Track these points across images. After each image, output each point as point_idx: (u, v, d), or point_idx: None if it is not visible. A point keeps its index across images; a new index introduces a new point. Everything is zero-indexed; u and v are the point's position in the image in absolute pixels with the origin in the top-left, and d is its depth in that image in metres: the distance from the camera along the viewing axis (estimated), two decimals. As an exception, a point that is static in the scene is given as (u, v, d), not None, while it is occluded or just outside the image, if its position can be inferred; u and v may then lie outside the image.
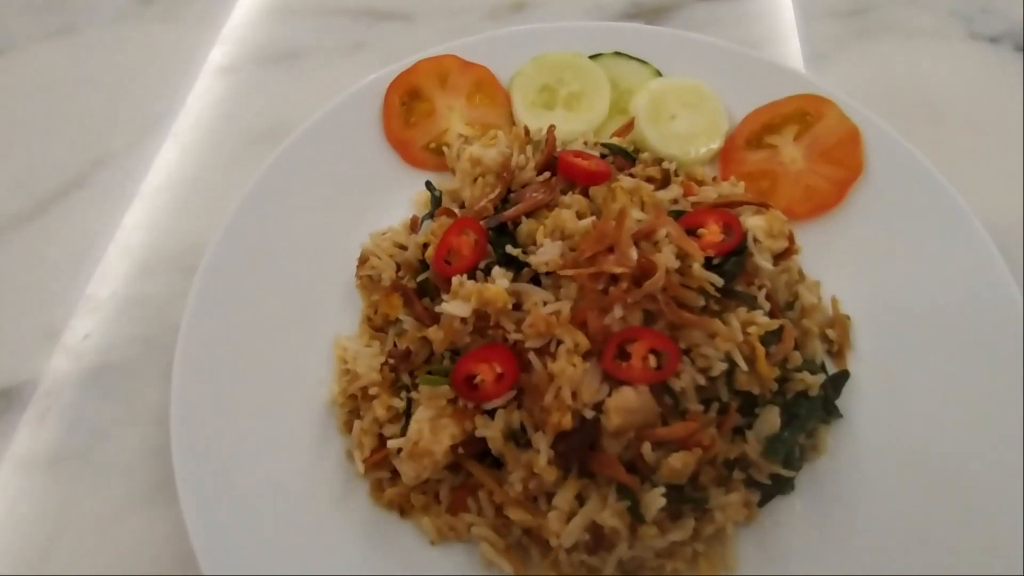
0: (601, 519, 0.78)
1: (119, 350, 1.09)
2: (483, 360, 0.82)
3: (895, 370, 0.94)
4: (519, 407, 0.83)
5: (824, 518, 0.85)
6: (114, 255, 1.19)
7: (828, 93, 1.12)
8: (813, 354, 0.94)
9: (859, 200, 1.06)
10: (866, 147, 1.08)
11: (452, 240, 0.90)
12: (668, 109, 1.15)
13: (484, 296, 0.81)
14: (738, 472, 0.85)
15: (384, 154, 1.16)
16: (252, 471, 0.90)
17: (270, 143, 1.25)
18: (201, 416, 0.92)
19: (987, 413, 0.88)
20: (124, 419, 1.03)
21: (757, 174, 1.10)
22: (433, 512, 0.87)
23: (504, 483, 0.82)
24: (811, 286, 1.00)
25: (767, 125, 1.12)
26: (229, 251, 1.04)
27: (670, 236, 0.85)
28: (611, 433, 0.79)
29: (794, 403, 0.87)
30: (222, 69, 1.42)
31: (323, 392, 0.97)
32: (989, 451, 0.85)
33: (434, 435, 0.82)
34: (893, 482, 0.86)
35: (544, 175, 1.00)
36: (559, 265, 0.83)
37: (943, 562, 0.79)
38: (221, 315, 1.00)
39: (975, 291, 0.95)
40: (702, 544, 0.82)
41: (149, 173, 1.28)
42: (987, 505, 0.82)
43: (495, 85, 1.20)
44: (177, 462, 0.88)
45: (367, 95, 1.18)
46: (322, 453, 0.93)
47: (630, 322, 0.81)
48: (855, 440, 0.90)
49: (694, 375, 0.81)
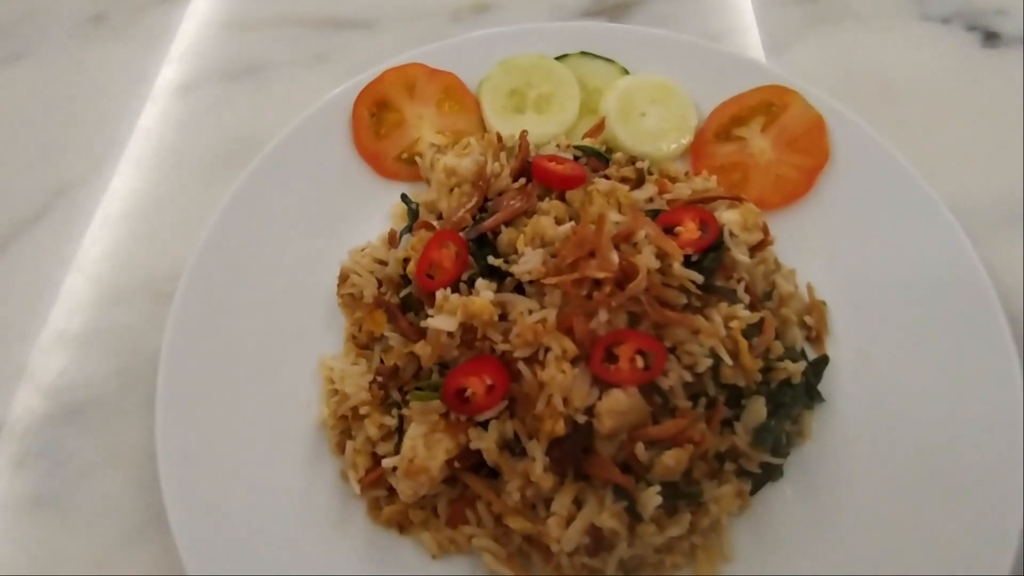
0: (600, 521, 0.79)
1: (97, 385, 1.07)
2: (472, 373, 0.82)
3: (871, 351, 0.97)
4: (511, 416, 0.84)
5: (814, 501, 0.88)
6: (83, 287, 1.16)
7: (791, 83, 1.14)
8: (793, 341, 0.97)
9: (827, 187, 1.09)
10: (831, 134, 1.10)
11: (433, 254, 0.90)
12: (637, 107, 1.16)
13: (470, 309, 0.81)
14: (729, 463, 0.87)
15: (356, 168, 1.15)
16: (246, 500, 0.89)
17: (237, 163, 1.23)
18: (188, 447, 0.91)
19: (961, 386, 0.91)
20: (107, 456, 1.01)
21: (728, 166, 1.12)
22: (433, 527, 0.87)
23: (501, 493, 0.83)
24: (787, 274, 1.02)
25: (735, 117, 1.14)
26: (205, 276, 1.02)
27: (649, 237, 0.86)
28: (604, 436, 0.80)
29: (778, 392, 0.89)
30: (181, 87, 1.39)
31: (312, 414, 0.96)
32: (967, 422, 0.89)
33: (429, 451, 0.82)
34: (878, 461, 0.89)
35: (520, 181, 1.00)
36: (542, 273, 0.83)
37: (931, 537, 0.82)
38: (201, 342, 0.98)
39: (942, 270, 0.99)
40: (699, 537, 0.84)
41: (112, 200, 1.25)
42: (970, 476, 0.85)
43: (463, 91, 1.19)
44: (168, 497, 0.87)
45: (334, 108, 1.17)
46: (316, 476, 0.92)
47: (615, 325, 0.82)
48: (838, 422, 0.93)
49: (681, 372, 0.83)
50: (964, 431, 0.88)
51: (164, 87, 1.39)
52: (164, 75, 1.40)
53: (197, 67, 1.41)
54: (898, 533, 0.84)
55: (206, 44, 1.45)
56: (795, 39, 1.39)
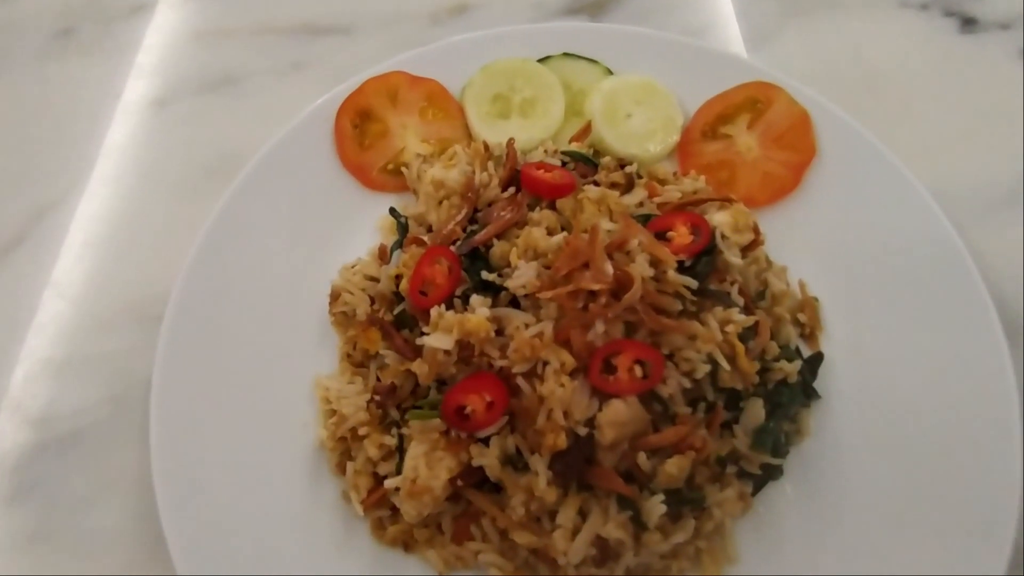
0: (605, 532, 0.79)
1: (87, 414, 1.05)
2: (471, 391, 0.81)
3: (864, 345, 0.98)
4: (512, 431, 0.83)
5: (814, 498, 0.89)
6: (67, 313, 1.13)
7: (775, 78, 1.14)
8: (787, 340, 0.97)
9: (815, 182, 1.09)
10: (816, 129, 1.11)
11: (425, 270, 0.89)
12: (623, 108, 1.15)
13: (466, 327, 0.81)
14: (730, 466, 0.87)
15: (341, 181, 1.13)
16: (247, 525, 0.88)
17: (216, 179, 1.21)
18: (185, 475, 0.90)
19: (953, 375, 0.92)
20: (103, 487, 0.99)
21: (716, 165, 1.12)
22: (438, 544, 0.87)
23: (506, 508, 0.83)
24: (778, 272, 1.03)
25: (720, 115, 1.14)
26: (193, 298, 1.00)
27: (642, 244, 0.86)
28: (606, 447, 0.80)
29: (776, 392, 0.90)
30: (156, 102, 1.35)
31: (309, 435, 0.95)
32: (959, 411, 0.90)
33: (431, 470, 0.82)
34: (875, 455, 0.90)
35: (509, 191, 0.99)
36: (536, 287, 0.83)
37: (931, 529, 0.84)
38: (193, 366, 0.96)
39: (928, 260, 1.00)
40: (704, 541, 0.85)
41: (92, 222, 1.22)
42: (966, 465, 0.86)
43: (447, 98, 1.18)
44: (167, 527, 0.86)
45: (316, 120, 1.15)
46: (317, 497, 0.91)
47: (612, 335, 0.82)
48: (835, 418, 0.94)
49: (679, 379, 0.83)
50: (957, 420, 0.90)
51: (138, 102, 1.35)
52: (137, 89, 1.36)
53: (170, 80, 1.38)
54: (897, 526, 0.85)
55: (178, 55, 1.41)
56: (775, 31, 1.38)
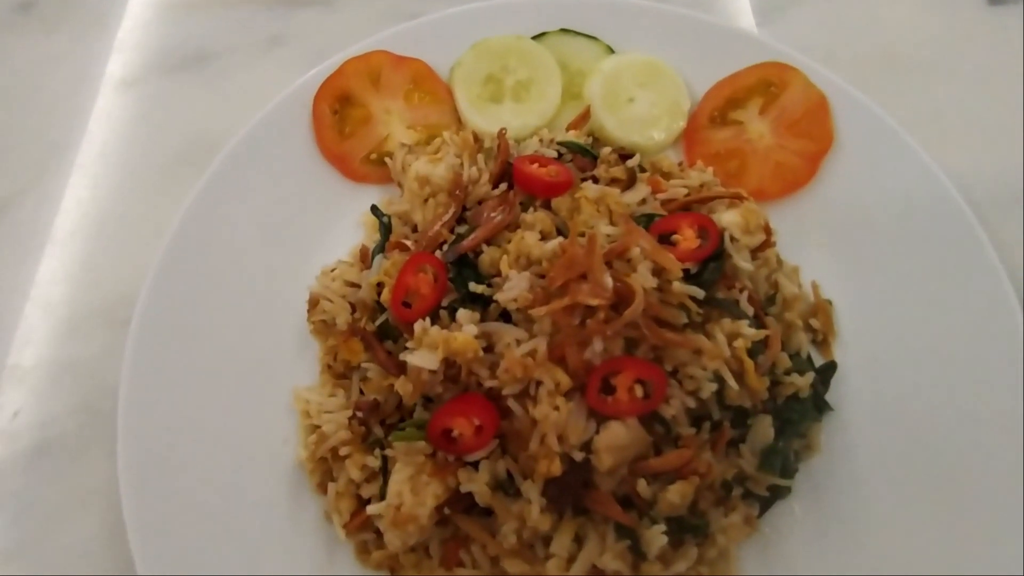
0: (602, 563, 0.75)
1: (58, 424, 0.99)
2: (459, 413, 0.76)
3: (881, 352, 0.92)
4: (504, 453, 0.78)
5: (823, 518, 0.84)
6: (34, 316, 1.07)
7: (791, 58, 1.04)
8: (799, 347, 0.91)
9: (831, 174, 1.01)
10: (835, 114, 1.02)
11: (409, 279, 0.82)
12: (624, 92, 1.06)
13: (452, 347, 0.74)
14: (736, 488, 0.82)
15: (321, 171, 1.05)
16: (223, 547, 0.83)
17: (189, 166, 1.13)
18: (156, 493, 0.85)
19: (975, 385, 0.86)
20: (76, 501, 0.94)
21: (724, 154, 1.03)
22: (425, 568, 0.82)
23: (497, 534, 0.78)
24: (790, 273, 0.96)
25: (730, 99, 1.05)
26: (162, 302, 0.94)
27: (644, 252, 0.78)
28: (604, 472, 0.75)
29: (786, 408, 0.84)
30: (124, 82, 1.26)
31: (289, 451, 0.90)
32: (981, 425, 0.84)
33: (416, 496, 0.76)
34: (889, 473, 0.85)
35: (500, 187, 0.91)
36: (529, 301, 0.76)
37: (944, 551, 0.79)
38: (163, 376, 0.91)
39: (953, 261, 0.92)
40: (706, 567, 0.80)
41: (59, 215, 1.14)
42: (985, 487, 0.81)
43: (434, 79, 1.09)
44: (136, 548, 0.81)
45: (293, 105, 1.06)
46: (299, 517, 0.87)
47: (611, 352, 0.76)
48: (848, 433, 0.88)
49: (683, 399, 0.77)
50: (977, 433, 0.84)
51: (105, 82, 1.26)
52: (102, 68, 1.26)
53: (139, 58, 1.28)
54: (911, 549, 0.80)
55: (147, 31, 1.31)
56: (788, 4, 1.28)
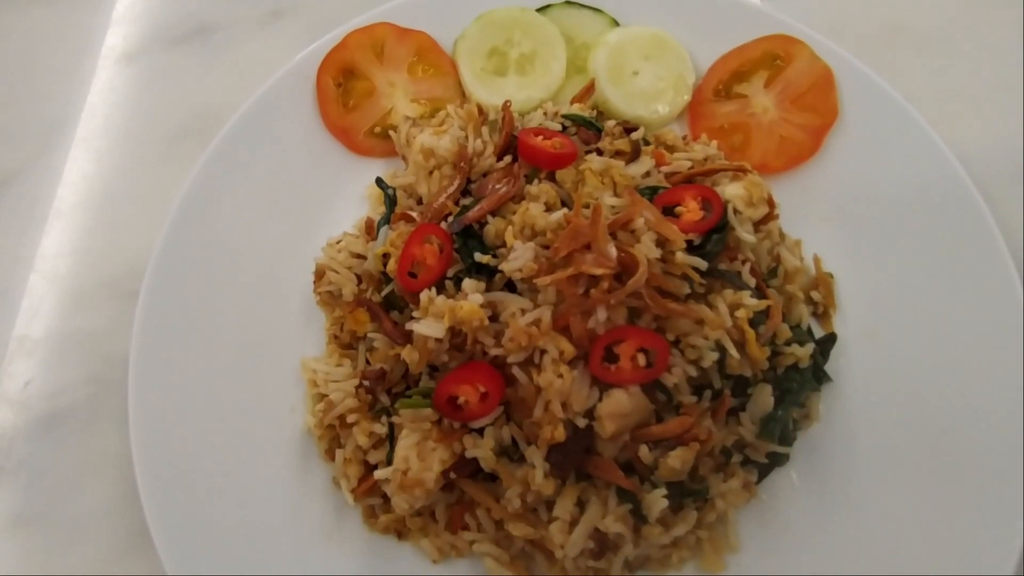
0: (604, 526, 0.76)
1: (68, 394, 1.01)
2: (464, 381, 0.77)
3: (881, 324, 0.93)
4: (508, 420, 0.79)
5: (821, 486, 0.86)
6: (41, 288, 1.08)
7: (797, 31, 1.04)
8: (799, 319, 0.92)
9: (835, 148, 1.01)
10: (840, 88, 1.02)
11: (415, 250, 0.82)
12: (629, 65, 1.05)
13: (457, 316, 0.75)
14: (735, 455, 0.84)
15: (325, 145, 1.06)
16: (234, 513, 0.85)
17: (192, 140, 1.14)
18: (168, 460, 0.87)
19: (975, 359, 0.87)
20: (86, 469, 0.96)
21: (729, 128, 1.03)
22: (432, 532, 0.84)
23: (501, 498, 0.80)
24: (792, 247, 0.96)
25: (736, 73, 1.05)
26: (169, 274, 0.95)
27: (648, 223, 0.79)
28: (606, 439, 0.76)
29: (785, 377, 0.85)
30: (125, 56, 1.25)
31: (297, 419, 0.91)
32: (979, 397, 0.85)
33: (423, 461, 0.78)
34: (887, 442, 0.86)
35: (505, 159, 0.92)
36: (534, 271, 0.76)
37: (939, 519, 0.81)
38: (172, 347, 0.92)
39: (956, 236, 0.93)
40: (705, 531, 0.82)
41: (63, 188, 1.15)
42: (980, 455, 0.82)
43: (438, 52, 1.08)
44: (150, 515, 0.83)
45: (296, 78, 1.06)
46: (307, 484, 0.88)
47: (615, 321, 0.76)
48: (846, 402, 0.90)
49: (685, 367, 0.78)
50: (975, 403, 0.85)
51: (106, 56, 1.25)
52: (104, 42, 1.26)
53: (140, 31, 1.27)
54: (907, 516, 0.82)
55: (149, 4, 1.30)
56: (793, -26, 1.26)
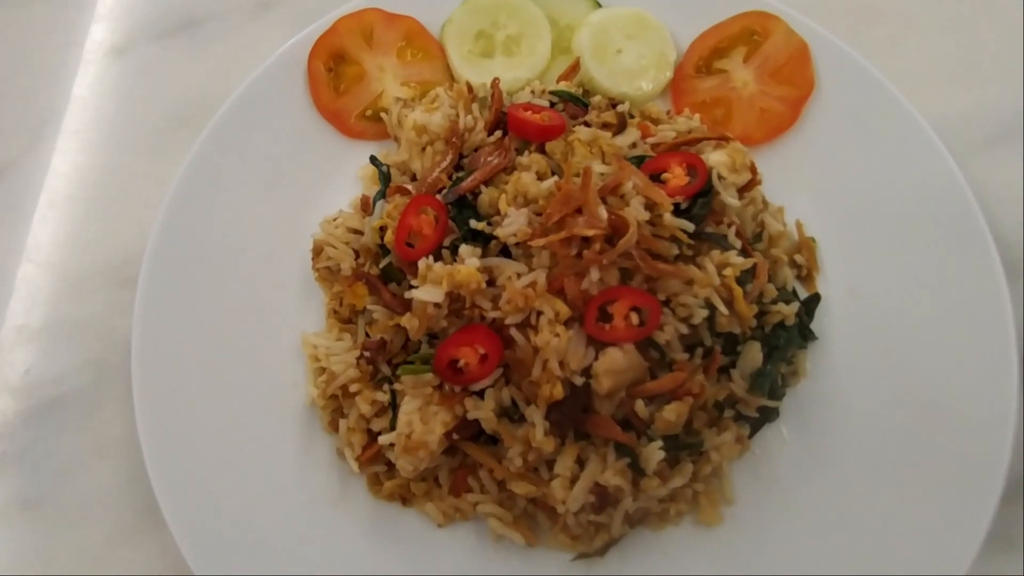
0: (604, 480, 0.79)
1: (69, 380, 1.02)
2: (464, 343, 0.79)
3: (862, 285, 0.97)
4: (507, 383, 0.82)
5: (810, 439, 0.89)
6: (38, 277, 1.09)
7: (773, 7, 1.08)
8: (784, 281, 0.95)
9: (813, 118, 1.05)
10: (815, 61, 1.06)
11: (411, 221, 0.85)
12: (613, 44, 1.09)
13: (456, 279, 0.78)
14: (727, 410, 0.87)
15: (318, 128, 1.07)
16: (241, 487, 0.87)
17: (184, 129, 1.15)
18: (173, 439, 0.88)
19: (951, 314, 0.91)
20: (91, 452, 0.97)
21: (710, 103, 1.07)
22: (436, 497, 0.86)
23: (503, 459, 0.82)
24: (775, 213, 1.00)
25: (715, 49, 1.08)
26: (168, 256, 0.96)
27: (636, 187, 0.82)
28: (603, 396, 0.79)
29: (773, 335, 0.89)
30: (113, 49, 1.26)
31: (299, 394, 0.93)
32: (957, 349, 0.89)
33: (425, 425, 0.80)
34: (871, 395, 0.90)
35: (496, 134, 0.94)
36: (528, 235, 0.79)
37: (925, 468, 0.84)
38: (174, 327, 0.93)
39: (929, 197, 0.97)
40: (701, 484, 0.85)
41: (56, 179, 1.16)
42: (962, 406, 0.86)
43: (426, 36, 1.11)
44: (159, 492, 0.85)
45: (287, 64, 1.08)
46: (311, 455, 0.90)
47: (608, 282, 0.79)
48: (831, 359, 0.93)
49: (677, 325, 0.81)
50: (954, 359, 0.89)
51: (95, 49, 1.26)
52: (93, 36, 1.27)
53: (129, 24, 1.28)
54: (892, 466, 0.86)
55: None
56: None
